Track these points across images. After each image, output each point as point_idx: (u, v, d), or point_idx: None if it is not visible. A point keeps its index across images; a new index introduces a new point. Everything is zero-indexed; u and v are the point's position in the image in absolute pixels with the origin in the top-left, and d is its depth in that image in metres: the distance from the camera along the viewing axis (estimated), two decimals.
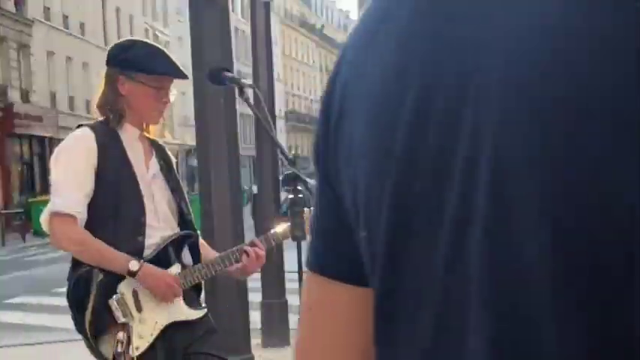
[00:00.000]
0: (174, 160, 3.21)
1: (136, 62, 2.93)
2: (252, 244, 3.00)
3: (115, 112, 2.92)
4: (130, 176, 2.92)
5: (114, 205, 2.88)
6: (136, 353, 2.84)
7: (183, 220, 3.04)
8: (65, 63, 34.44)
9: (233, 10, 50.79)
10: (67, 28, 34.85)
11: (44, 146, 31.96)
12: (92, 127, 2.95)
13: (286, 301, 6.62)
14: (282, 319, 6.48)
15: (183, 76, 3.06)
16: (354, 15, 51.68)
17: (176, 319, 2.94)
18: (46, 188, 30.80)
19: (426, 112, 0.62)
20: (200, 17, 5.10)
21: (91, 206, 2.88)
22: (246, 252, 2.96)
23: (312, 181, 2.82)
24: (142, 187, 2.93)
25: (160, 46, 3.23)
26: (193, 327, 3.00)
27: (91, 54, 36.89)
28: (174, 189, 3.07)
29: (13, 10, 30.39)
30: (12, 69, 29.72)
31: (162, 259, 2.90)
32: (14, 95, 29.48)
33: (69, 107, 34.36)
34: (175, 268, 2.93)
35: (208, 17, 6.01)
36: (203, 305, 3.12)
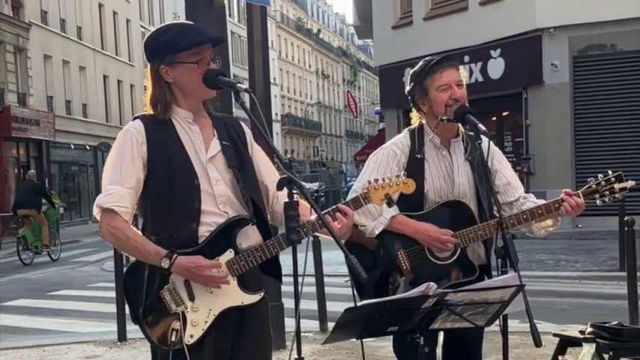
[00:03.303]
0: (248, 133, 3.04)
1: (172, 44, 2.87)
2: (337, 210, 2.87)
3: (162, 103, 2.90)
4: (184, 162, 2.88)
5: (168, 194, 2.85)
6: (191, 341, 2.81)
7: (245, 202, 2.93)
8: (62, 66, 34.39)
9: (230, 15, 50.78)
10: (64, 32, 34.79)
11: (41, 149, 31.90)
12: (143, 118, 2.93)
13: (282, 304, 6.63)
14: (278, 322, 6.48)
15: (221, 41, 3.00)
16: (350, 19, 51.58)
17: (231, 305, 2.88)
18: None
19: None
20: (197, 21, 5.12)
21: (148, 196, 2.89)
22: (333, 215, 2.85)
23: (307, 185, 2.83)
24: (198, 171, 2.88)
25: (189, 22, 3.18)
26: (244, 318, 2.92)
27: (88, 57, 36.87)
28: (237, 168, 2.94)
29: (11, 13, 30.35)
30: (9, 72, 29.66)
31: (212, 247, 2.84)
32: (11, 98, 29.42)
33: (66, 111, 34.28)
34: (227, 255, 2.85)
35: (205, 21, 6.05)
36: (261, 288, 2.97)
